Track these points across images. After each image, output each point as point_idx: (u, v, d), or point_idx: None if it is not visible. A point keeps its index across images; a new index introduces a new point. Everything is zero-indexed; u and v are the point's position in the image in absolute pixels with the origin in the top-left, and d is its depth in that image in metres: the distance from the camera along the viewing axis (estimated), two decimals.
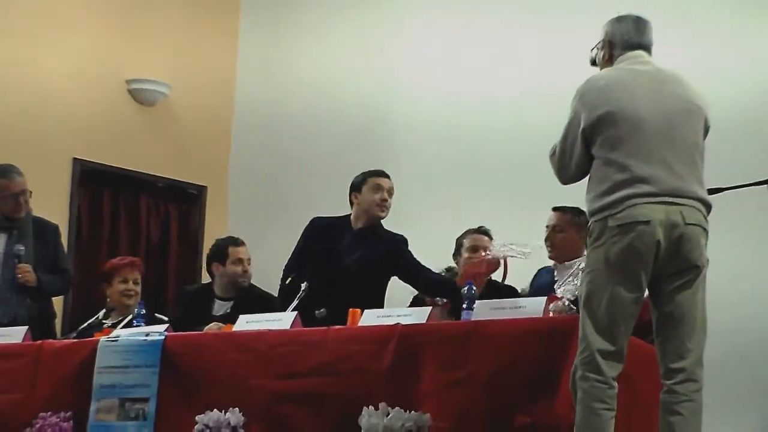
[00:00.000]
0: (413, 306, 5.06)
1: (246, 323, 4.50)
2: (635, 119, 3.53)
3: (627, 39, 3.74)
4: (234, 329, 4.53)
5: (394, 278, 5.21)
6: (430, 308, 4.23)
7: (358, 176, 5.23)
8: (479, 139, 7.10)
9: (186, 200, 8.24)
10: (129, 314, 5.37)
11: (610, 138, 3.54)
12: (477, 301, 4.15)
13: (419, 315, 4.14)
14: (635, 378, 3.73)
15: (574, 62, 3.96)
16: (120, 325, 5.13)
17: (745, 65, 6.33)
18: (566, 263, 4.88)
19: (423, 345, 3.95)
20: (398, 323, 4.05)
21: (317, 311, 4.81)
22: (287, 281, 5.11)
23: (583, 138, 3.59)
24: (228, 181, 8.34)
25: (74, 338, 5.08)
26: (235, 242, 5.57)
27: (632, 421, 3.72)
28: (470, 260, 5.06)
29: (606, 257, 3.46)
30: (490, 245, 4.75)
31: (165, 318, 5.53)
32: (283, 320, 4.40)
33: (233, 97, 8.41)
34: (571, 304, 3.94)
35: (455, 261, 5.46)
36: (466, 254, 5.34)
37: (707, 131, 3.68)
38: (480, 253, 5.03)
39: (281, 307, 4.78)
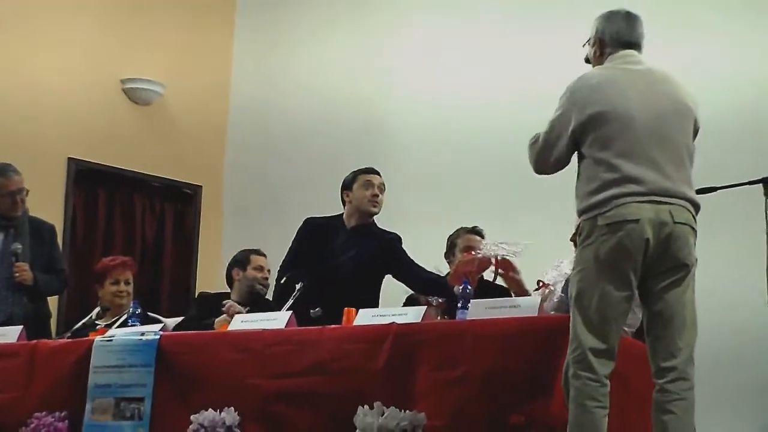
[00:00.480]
0: (407, 306, 5.06)
1: (241, 323, 4.50)
2: (626, 119, 3.54)
3: (618, 36, 3.74)
4: (229, 329, 4.54)
5: (388, 278, 5.22)
6: (425, 307, 4.24)
7: (349, 175, 5.25)
8: (475, 142, 7.11)
9: (181, 200, 8.24)
10: (123, 314, 5.37)
11: (601, 137, 3.55)
12: (472, 301, 4.16)
13: (414, 314, 4.14)
14: (629, 376, 3.74)
15: (571, 64, 3.95)
16: (115, 325, 5.12)
17: (740, 65, 6.34)
18: None
19: (418, 344, 3.95)
20: (393, 322, 4.05)
21: (312, 310, 4.81)
22: (282, 281, 5.12)
23: (573, 136, 3.60)
24: (223, 181, 8.34)
25: (69, 338, 5.07)
26: (258, 252, 5.67)
27: (626, 420, 3.73)
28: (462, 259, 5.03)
29: (595, 256, 3.47)
30: (482, 245, 4.74)
31: (159, 317, 5.54)
32: (278, 320, 4.40)
33: (228, 97, 8.41)
34: (560, 293, 3.95)
35: (447, 260, 5.46)
36: (460, 255, 5.34)
37: (697, 132, 3.70)
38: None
39: (277, 307, 4.79)
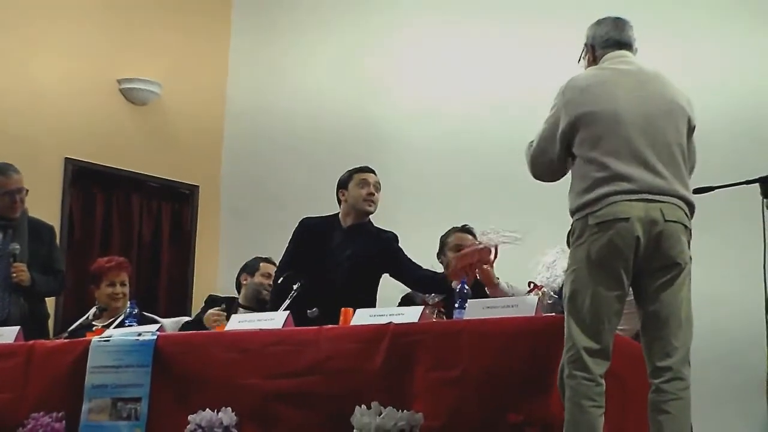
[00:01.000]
0: (402, 305, 5.06)
1: (238, 323, 4.50)
2: (614, 118, 3.54)
3: (607, 38, 3.76)
4: (227, 329, 4.53)
5: (385, 277, 5.22)
6: (422, 307, 4.23)
7: (344, 174, 5.26)
8: (471, 146, 7.13)
9: (178, 200, 8.23)
10: (120, 314, 5.37)
11: (590, 137, 3.55)
12: (469, 300, 4.16)
13: (412, 314, 4.14)
14: (625, 376, 3.74)
15: (569, 70, 3.95)
16: (112, 326, 5.12)
17: (736, 65, 6.35)
18: None
19: (415, 344, 3.95)
20: (390, 322, 4.05)
21: (309, 311, 4.81)
22: (279, 280, 5.12)
23: (563, 137, 3.61)
24: (220, 181, 8.34)
25: (66, 338, 5.07)
26: (268, 260, 5.80)
27: (623, 419, 3.73)
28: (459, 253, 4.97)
29: (587, 255, 3.48)
30: (481, 235, 4.66)
31: (156, 317, 5.54)
32: (276, 320, 4.40)
33: (225, 97, 8.41)
34: (552, 293, 3.96)
35: (439, 260, 5.46)
36: (451, 253, 5.35)
37: (693, 130, 3.69)
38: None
39: (275, 307, 4.79)
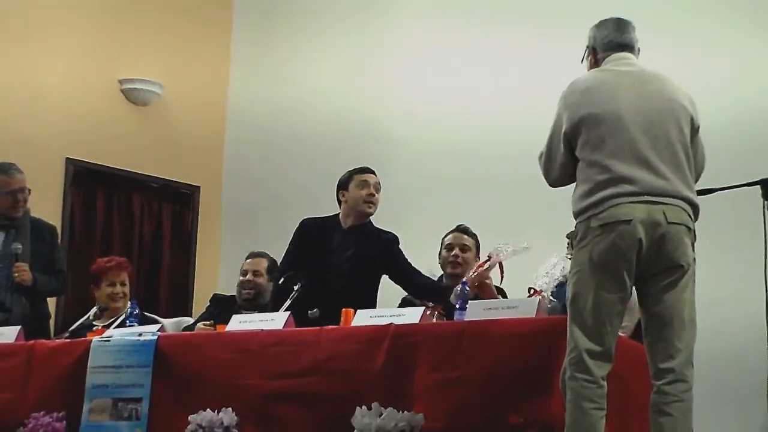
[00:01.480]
0: (403, 307, 5.06)
1: (239, 323, 4.50)
2: (616, 119, 3.54)
3: (608, 40, 3.76)
4: (227, 329, 4.53)
5: (385, 278, 5.22)
6: (423, 308, 4.23)
7: (344, 174, 5.25)
8: (473, 148, 7.13)
9: (179, 200, 8.23)
10: (121, 314, 5.37)
11: (592, 139, 3.55)
12: (470, 302, 4.16)
13: (412, 315, 4.14)
14: (628, 378, 3.74)
15: (572, 73, 3.96)
16: (113, 326, 5.12)
17: (739, 67, 6.35)
18: None
19: (416, 345, 3.95)
20: (391, 323, 4.05)
21: (310, 311, 4.81)
22: (280, 280, 5.12)
23: (566, 140, 3.60)
24: (221, 181, 8.34)
25: (66, 338, 5.07)
26: (250, 255, 5.75)
27: (625, 421, 3.73)
28: (479, 270, 4.96)
29: (590, 257, 3.47)
30: (493, 250, 4.68)
31: (157, 318, 5.54)
32: (276, 320, 4.40)
33: (226, 97, 8.42)
34: (551, 297, 3.96)
35: (439, 260, 5.47)
36: (444, 252, 5.38)
37: (696, 130, 3.68)
38: (455, 251, 5.28)
39: (276, 308, 4.79)
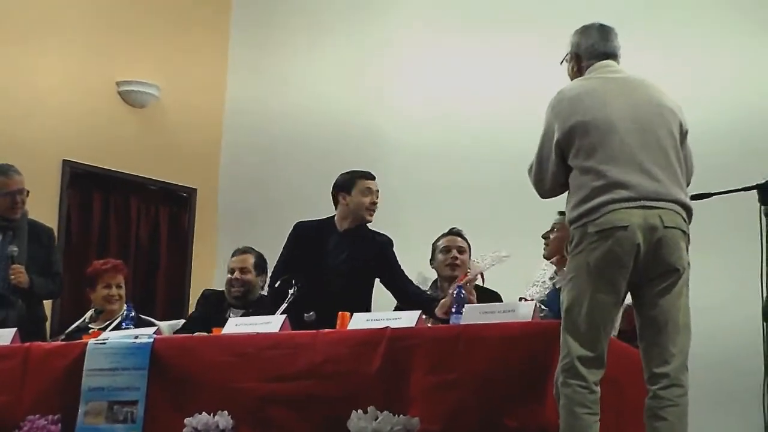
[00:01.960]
0: (398, 310, 5.05)
1: (235, 326, 4.50)
2: (607, 126, 3.54)
3: (593, 48, 3.76)
4: (223, 332, 4.53)
5: (379, 282, 5.22)
6: (419, 312, 4.24)
7: (345, 175, 5.20)
8: (471, 152, 7.13)
9: (176, 202, 8.23)
10: (117, 317, 5.37)
11: (585, 146, 3.55)
12: (466, 305, 4.16)
13: (409, 318, 4.14)
14: (622, 383, 3.74)
15: (560, 79, 3.97)
16: (109, 328, 5.12)
17: (737, 71, 6.36)
18: None
19: (412, 348, 3.95)
20: (387, 326, 4.06)
21: (306, 314, 4.81)
22: (277, 283, 5.12)
23: (558, 149, 3.61)
24: (218, 184, 8.34)
25: (62, 341, 5.06)
26: (235, 252, 5.73)
27: (620, 426, 3.73)
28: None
29: (587, 263, 3.47)
30: (472, 263, 4.71)
31: (153, 320, 5.54)
32: (272, 323, 4.40)
33: (223, 99, 8.41)
34: (542, 306, 3.97)
35: (432, 266, 5.48)
36: (440, 256, 5.39)
37: (685, 134, 3.69)
38: (453, 253, 5.30)
39: (272, 311, 4.79)
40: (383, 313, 4.37)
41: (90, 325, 5.39)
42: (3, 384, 4.68)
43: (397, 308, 5.21)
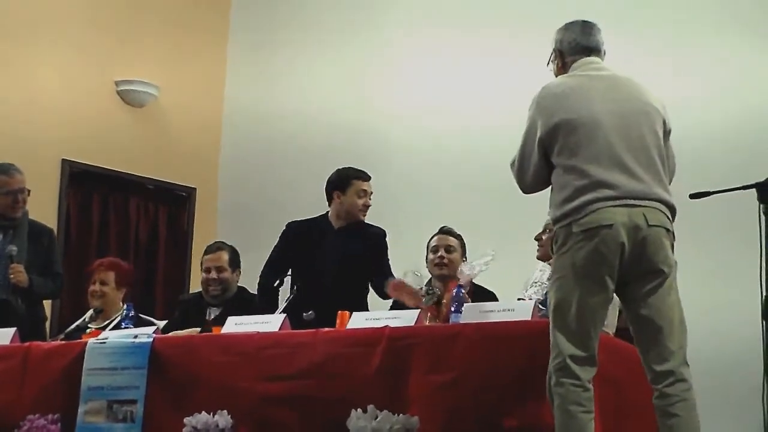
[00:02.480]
0: (393, 309, 5.06)
1: (235, 325, 4.50)
2: (592, 124, 3.53)
3: (575, 44, 3.76)
4: (222, 331, 4.53)
5: None
6: (419, 311, 4.24)
7: (341, 174, 5.22)
8: (469, 152, 7.13)
9: (175, 202, 8.24)
10: (116, 316, 5.37)
11: (568, 145, 3.54)
12: (465, 305, 4.16)
13: (408, 318, 4.14)
14: (619, 380, 3.74)
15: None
16: (109, 328, 5.12)
17: (735, 72, 6.36)
18: None
19: (411, 348, 3.96)
20: (387, 326, 4.06)
21: (305, 313, 4.82)
22: (276, 283, 5.13)
23: (541, 147, 3.59)
24: (217, 183, 8.34)
25: (62, 340, 5.07)
26: (207, 250, 5.67)
27: (621, 424, 3.73)
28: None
29: (572, 263, 3.46)
30: (458, 273, 4.69)
31: (153, 320, 5.54)
32: (272, 322, 4.40)
33: (222, 99, 8.42)
34: (540, 306, 3.97)
35: (426, 265, 5.48)
36: (430, 255, 5.39)
37: (668, 134, 3.69)
38: (440, 252, 5.30)
39: (261, 310, 4.80)
40: (382, 312, 4.38)
41: (89, 325, 5.40)
42: (3, 383, 4.69)
43: (393, 306, 5.22)
